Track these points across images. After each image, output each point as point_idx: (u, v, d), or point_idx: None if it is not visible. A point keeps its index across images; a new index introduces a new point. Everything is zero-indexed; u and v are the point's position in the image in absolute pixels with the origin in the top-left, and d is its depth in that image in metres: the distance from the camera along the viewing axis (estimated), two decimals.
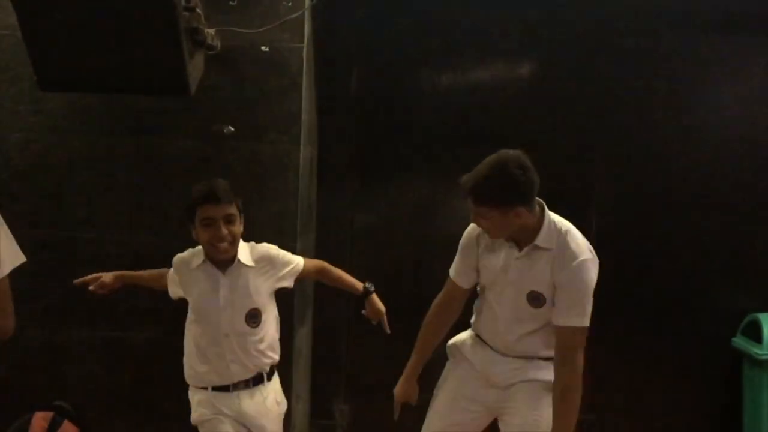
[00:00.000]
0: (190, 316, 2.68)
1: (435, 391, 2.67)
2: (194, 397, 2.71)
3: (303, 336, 3.57)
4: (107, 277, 2.80)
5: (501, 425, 2.54)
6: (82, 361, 3.36)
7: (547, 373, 2.43)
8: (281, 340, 2.87)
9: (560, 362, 2.34)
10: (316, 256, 3.82)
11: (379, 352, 3.90)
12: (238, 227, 2.58)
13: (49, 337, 3.36)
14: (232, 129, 3.26)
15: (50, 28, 2.63)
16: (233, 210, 2.56)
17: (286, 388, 3.23)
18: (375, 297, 2.79)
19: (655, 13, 3.72)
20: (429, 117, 3.84)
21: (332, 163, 3.84)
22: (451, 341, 2.69)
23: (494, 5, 3.75)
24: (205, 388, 2.66)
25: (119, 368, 3.36)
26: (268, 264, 2.70)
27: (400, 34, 3.81)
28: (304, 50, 3.29)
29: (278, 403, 2.78)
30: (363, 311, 2.82)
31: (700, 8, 3.71)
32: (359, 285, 2.81)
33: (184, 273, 2.67)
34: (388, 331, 2.79)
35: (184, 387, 2.73)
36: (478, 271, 2.53)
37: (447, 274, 2.65)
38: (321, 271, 2.88)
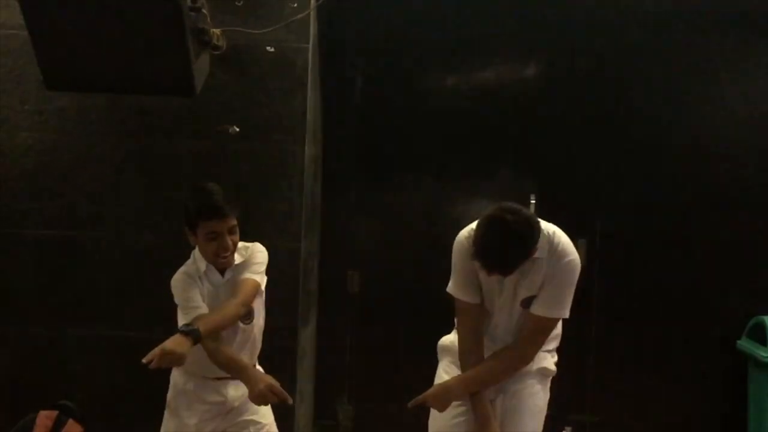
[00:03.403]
0: None
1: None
2: (179, 379, 2.62)
3: (307, 336, 3.57)
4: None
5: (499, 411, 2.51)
6: (87, 361, 3.37)
7: (542, 362, 2.48)
8: (284, 339, 2.86)
9: (526, 341, 2.42)
10: (321, 256, 3.83)
11: (383, 353, 3.90)
12: (238, 234, 2.57)
13: (53, 336, 3.37)
14: (237, 129, 3.27)
15: (57, 29, 2.64)
16: (235, 220, 2.54)
17: (290, 387, 3.24)
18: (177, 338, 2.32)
19: (661, 12, 3.71)
20: (433, 118, 3.84)
21: (337, 163, 3.84)
22: (441, 341, 2.68)
23: (497, 6, 3.75)
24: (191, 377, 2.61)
25: (123, 367, 3.35)
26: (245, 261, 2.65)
27: (406, 35, 3.80)
28: (310, 50, 3.29)
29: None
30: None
31: (708, 8, 3.70)
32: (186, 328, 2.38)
33: (197, 281, 2.60)
34: None
35: None
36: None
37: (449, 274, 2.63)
38: (238, 293, 2.58)
